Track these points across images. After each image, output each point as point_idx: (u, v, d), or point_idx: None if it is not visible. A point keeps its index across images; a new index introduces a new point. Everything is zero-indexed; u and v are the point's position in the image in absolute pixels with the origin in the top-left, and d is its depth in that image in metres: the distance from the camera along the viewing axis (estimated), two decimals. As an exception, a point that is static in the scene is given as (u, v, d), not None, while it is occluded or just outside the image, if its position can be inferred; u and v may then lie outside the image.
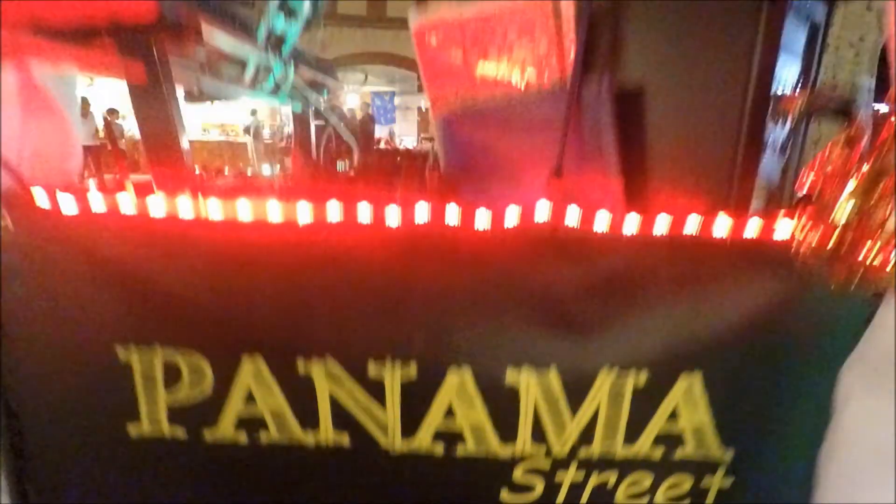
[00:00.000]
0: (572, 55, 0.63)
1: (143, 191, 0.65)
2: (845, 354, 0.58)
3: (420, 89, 15.57)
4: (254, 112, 12.37)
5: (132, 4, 0.65)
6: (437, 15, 0.72)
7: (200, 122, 13.21)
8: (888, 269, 0.47)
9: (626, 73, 0.69)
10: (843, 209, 0.48)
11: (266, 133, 12.50)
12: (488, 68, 0.70)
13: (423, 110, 15.52)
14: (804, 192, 0.52)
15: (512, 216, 0.57)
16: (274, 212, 0.58)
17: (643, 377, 0.62)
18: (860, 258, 0.49)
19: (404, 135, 14.96)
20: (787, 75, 0.62)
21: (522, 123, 0.69)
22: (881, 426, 0.54)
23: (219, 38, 1.03)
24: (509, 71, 0.67)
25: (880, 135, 0.48)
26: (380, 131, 13.11)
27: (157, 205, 0.58)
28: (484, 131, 0.72)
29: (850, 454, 0.57)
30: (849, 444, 0.57)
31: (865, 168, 0.49)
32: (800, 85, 0.63)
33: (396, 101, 13.34)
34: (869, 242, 0.47)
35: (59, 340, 0.59)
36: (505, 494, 0.63)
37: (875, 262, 0.48)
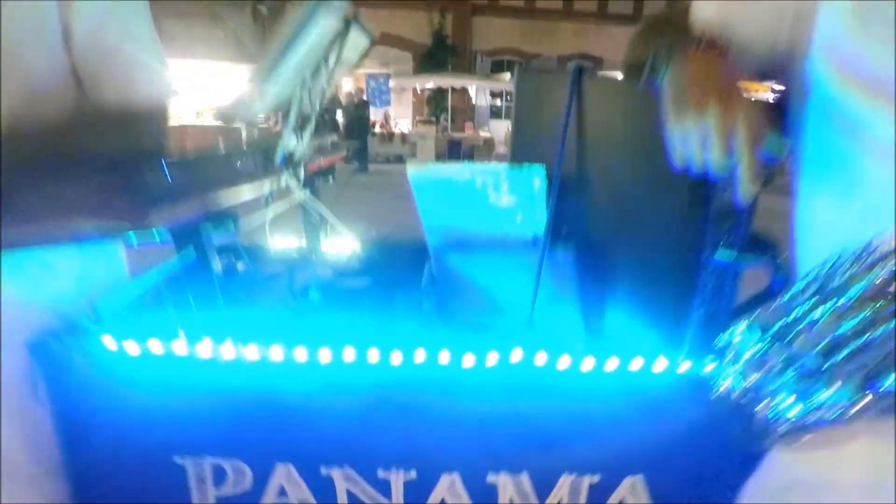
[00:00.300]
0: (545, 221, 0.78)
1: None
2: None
3: (415, 71, 15.47)
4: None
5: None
6: (431, 171, 0.84)
7: (193, 107, 13.13)
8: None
9: (583, 236, 0.85)
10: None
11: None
12: (473, 220, 0.83)
13: (419, 91, 15.40)
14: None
15: (492, 357, 0.73)
16: (301, 355, 0.73)
17: (596, 479, 0.78)
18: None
19: (400, 117, 14.88)
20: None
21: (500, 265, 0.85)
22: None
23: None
24: (493, 223, 0.81)
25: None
26: (374, 114, 12.98)
27: (205, 349, 0.73)
28: (471, 266, 0.86)
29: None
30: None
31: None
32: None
33: (391, 83, 13.21)
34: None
35: (126, 452, 0.75)
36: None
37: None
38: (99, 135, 0.71)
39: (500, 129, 16.16)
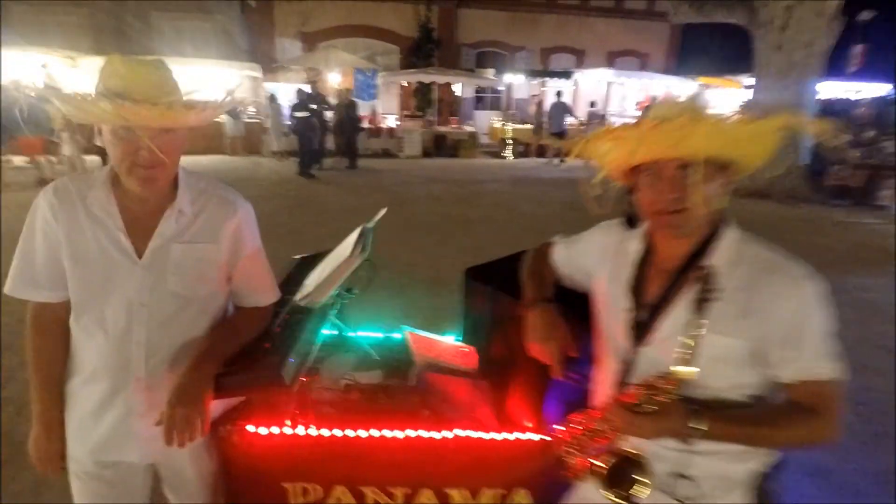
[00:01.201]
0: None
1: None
2: None
3: (402, 67, 15.75)
4: (230, 92, 12.54)
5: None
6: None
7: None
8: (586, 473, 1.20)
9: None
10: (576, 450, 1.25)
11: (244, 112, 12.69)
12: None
13: (406, 85, 15.77)
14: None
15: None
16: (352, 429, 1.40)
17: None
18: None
19: (386, 112, 15.27)
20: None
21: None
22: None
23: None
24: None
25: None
26: (363, 108, 13.32)
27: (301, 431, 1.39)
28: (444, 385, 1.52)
29: None
30: None
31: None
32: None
33: (379, 78, 13.59)
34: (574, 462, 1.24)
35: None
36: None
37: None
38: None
39: (484, 121, 16.66)
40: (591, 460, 1.06)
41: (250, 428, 1.36)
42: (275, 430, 1.37)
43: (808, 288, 0.98)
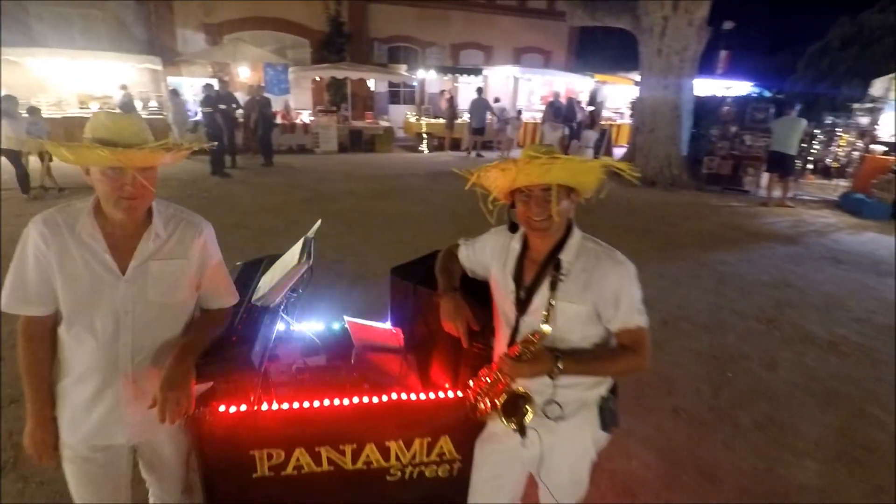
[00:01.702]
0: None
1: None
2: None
3: (313, 61, 15.55)
4: (124, 87, 11.86)
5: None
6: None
7: (76, 93, 12.43)
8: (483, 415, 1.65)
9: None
10: (482, 397, 1.69)
11: (139, 106, 12.02)
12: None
13: (319, 80, 15.62)
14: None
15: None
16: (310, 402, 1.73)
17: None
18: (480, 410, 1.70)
19: (300, 107, 15.06)
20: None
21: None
22: None
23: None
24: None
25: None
26: (275, 104, 13.07)
27: (264, 407, 1.70)
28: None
29: None
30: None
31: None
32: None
33: (290, 74, 13.41)
34: (482, 405, 1.68)
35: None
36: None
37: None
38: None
39: (399, 116, 16.92)
40: (494, 401, 1.49)
41: (221, 408, 1.66)
42: (242, 407, 1.67)
43: (623, 269, 1.46)
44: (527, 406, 1.45)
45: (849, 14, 12.69)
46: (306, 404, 1.72)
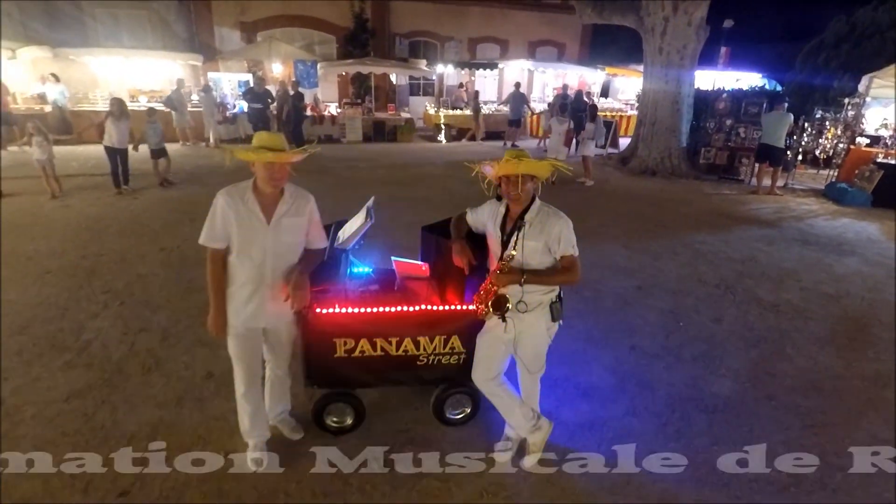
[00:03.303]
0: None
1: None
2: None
3: (339, 56, 16.57)
4: (181, 81, 12.99)
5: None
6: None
7: (127, 88, 13.62)
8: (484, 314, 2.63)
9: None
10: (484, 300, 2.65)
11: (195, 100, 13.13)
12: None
13: (344, 74, 16.62)
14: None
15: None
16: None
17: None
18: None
19: (327, 100, 16.11)
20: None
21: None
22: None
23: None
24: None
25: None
26: (306, 98, 14.10)
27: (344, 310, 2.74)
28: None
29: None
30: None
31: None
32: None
33: (319, 70, 14.44)
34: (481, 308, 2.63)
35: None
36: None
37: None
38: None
39: (419, 108, 17.87)
40: (487, 302, 2.51)
41: (318, 309, 2.71)
42: (331, 310, 2.72)
43: (563, 221, 2.43)
44: (507, 304, 2.47)
45: (845, 12, 13.25)
46: (368, 310, 2.76)
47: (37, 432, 2.95)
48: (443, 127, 15.14)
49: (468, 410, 3.07)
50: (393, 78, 17.34)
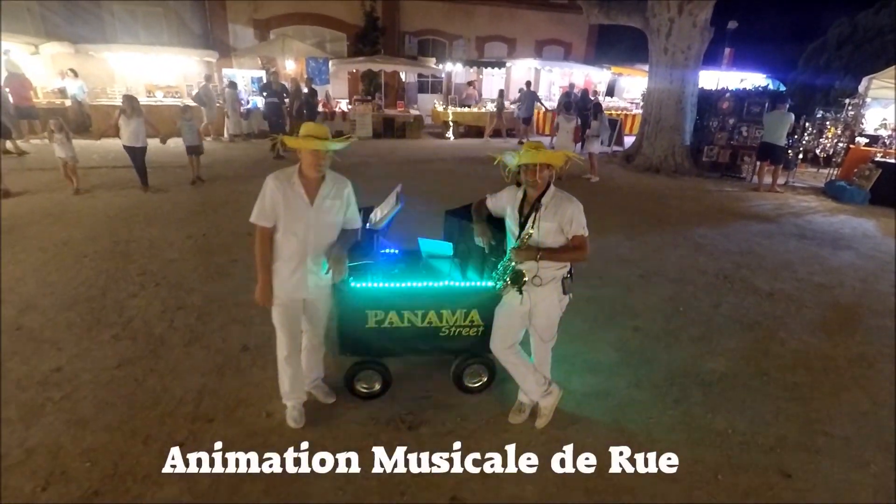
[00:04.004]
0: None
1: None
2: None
3: (349, 53, 16.89)
4: (209, 77, 13.31)
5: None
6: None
7: (144, 83, 13.97)
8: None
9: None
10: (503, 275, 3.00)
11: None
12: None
13: (354, 71, 16.93)
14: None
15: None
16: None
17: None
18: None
19: (338, 96, 16.43)
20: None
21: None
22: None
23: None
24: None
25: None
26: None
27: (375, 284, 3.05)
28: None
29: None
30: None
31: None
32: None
33: (331, 67, 14.76)
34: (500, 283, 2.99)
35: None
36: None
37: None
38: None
39: (427, 105, 18.16)
40: (505, 277, 2.82)
41: (351, 282, 3.02)
42: (364, 283, 3.03)
43: (575, 205, 2.72)
44: (523, 279, 2.77)
45: (847, 14, 13.48)
46: (398, 284, 3.07)
47: (95, 394, 3.27)
48: (451, 124, 15.42)
49: (485, 379, 3.38)
50: (402, 75, 17.65)
